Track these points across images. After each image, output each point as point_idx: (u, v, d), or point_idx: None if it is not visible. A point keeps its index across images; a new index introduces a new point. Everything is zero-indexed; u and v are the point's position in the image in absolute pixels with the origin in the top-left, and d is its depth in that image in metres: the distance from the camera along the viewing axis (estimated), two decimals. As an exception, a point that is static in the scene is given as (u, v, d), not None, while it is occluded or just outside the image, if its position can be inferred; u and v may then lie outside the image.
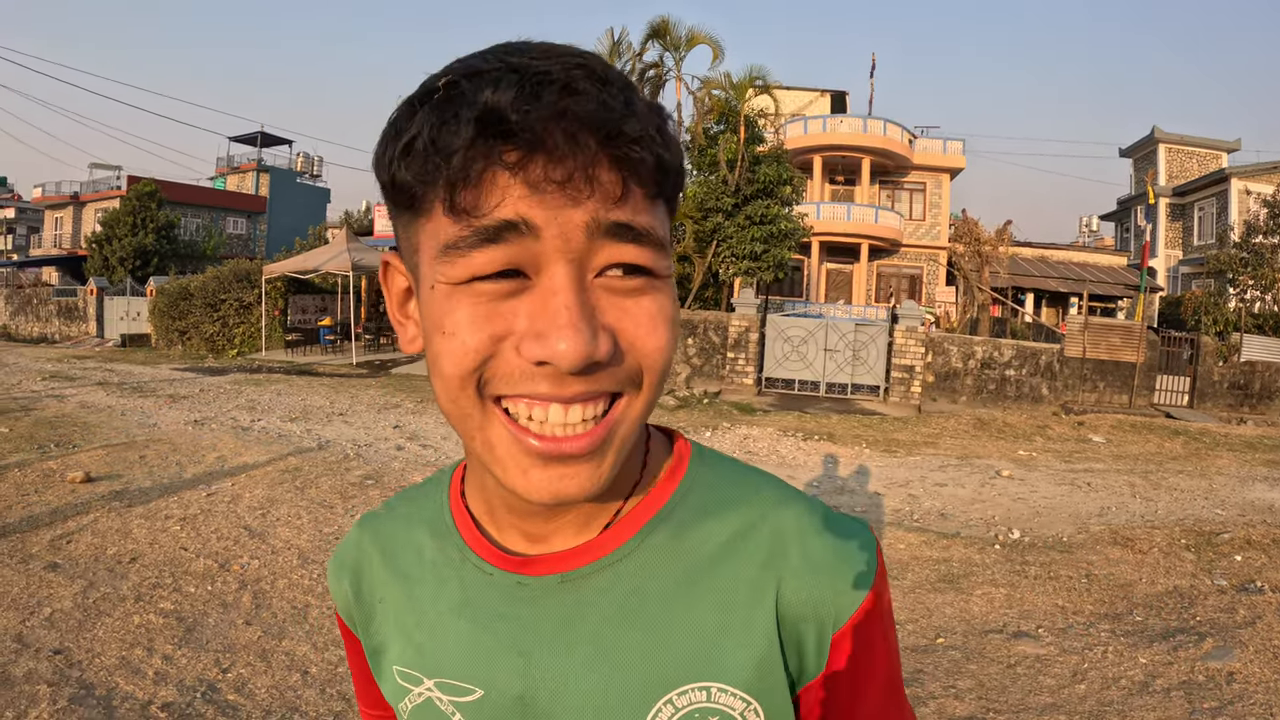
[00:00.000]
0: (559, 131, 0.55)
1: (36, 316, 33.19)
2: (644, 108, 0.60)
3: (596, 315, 0.59)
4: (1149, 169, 38.46)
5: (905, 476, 10.18)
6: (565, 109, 0.55)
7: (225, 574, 5.73)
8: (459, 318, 0.60)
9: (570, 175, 0.56)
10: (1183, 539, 7.35)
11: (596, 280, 0.60)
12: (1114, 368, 19.17)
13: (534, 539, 0.73)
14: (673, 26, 22.85)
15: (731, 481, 0.76)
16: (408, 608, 0.78)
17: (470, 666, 0.73)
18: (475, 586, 0.74)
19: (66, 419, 11.55)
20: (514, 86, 0.56)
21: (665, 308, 0.63)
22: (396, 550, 0.82)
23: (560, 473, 0.62)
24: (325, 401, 14.46)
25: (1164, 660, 4.77)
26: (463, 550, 0.76)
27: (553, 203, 0.57)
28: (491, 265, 0.58)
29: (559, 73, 0.56)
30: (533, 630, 0.71)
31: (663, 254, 0.62)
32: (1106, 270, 34.93)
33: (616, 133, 0.57)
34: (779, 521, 0.72)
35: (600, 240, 0.59)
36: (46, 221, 51.29)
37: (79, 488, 7.68)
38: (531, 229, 0.57)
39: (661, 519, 0.73)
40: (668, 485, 0.75)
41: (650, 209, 0.61)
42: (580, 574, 0.71)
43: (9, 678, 4.11)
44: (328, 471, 8.75)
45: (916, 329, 18.71)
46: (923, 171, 32.72)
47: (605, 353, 0.59)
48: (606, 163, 0.57)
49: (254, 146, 53.65)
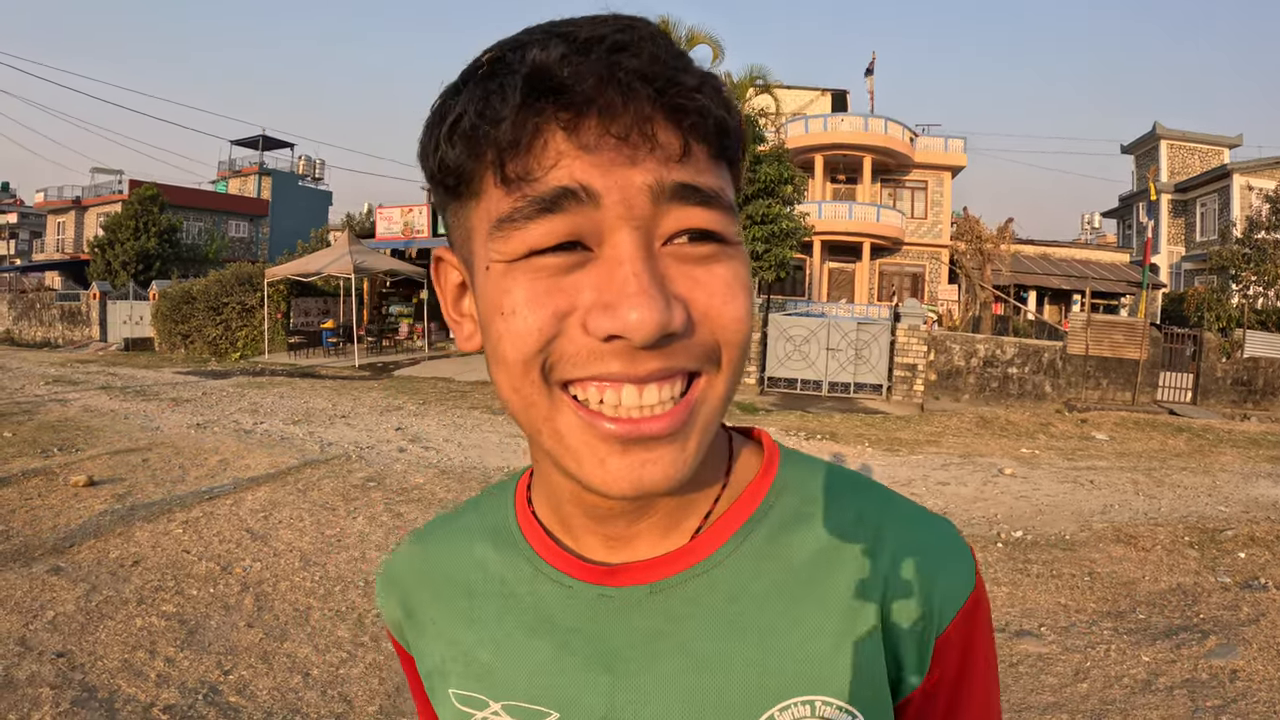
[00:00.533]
0: (612, 85, 0.53)
1: (39, 321, 33.21)
2: (692, 67, 0.57)
3: (667, 285, 0.55)
4: (1151, 165, 38.47)
5: (908, 475, 10.17)
6: (617, 62, 0.53)
7: (227, 576, 5.74)
8: (518, 296, 0.56)
9: (628, 132, 0.53)
10: (1186, 536, 7.34)
11: (664, 249, 0.56)
12: (1117, 365, 19.14)
13: (615, 544, 0.68)
14: (673, 27, 22.79)
15: (825, 482, 0.72)
16: (468, 627, 0.73)
17: (546, 688, 0.68)
18: (551, 601, 0.70)
19: (70, 423, 11.57)
20: (562, 45, 0.54)
21: (740, 274, 0.58)
22: (455, 565, 0.76)
23: (641, 458, 0.57)
24: (328, 404, 14.47)
25: (1167, 658, 4.76)
26: (534, 562, 0.72)
27: (611, 165, 0.53)
28: (550, 238, 0.55)
29: (609, 32, 0.54)
30: (619, 646, 0.66)
31: (732, 218, 0.58)
32: (1109, 267, 34.88)
33: (673, 84, 0.54)
34: (878, 523, 0.68)
35: (666, 204, 0.55)
36: (49, 226, 51.40)
37: (82, 491, 7.69)
38: (591, 196, 0.54)
39: (756, 522, 0.68)
40: (760, 487, 0.70)
41: (715, 170, 0.57)
42: (671, 583, 0.67)
43: (12, 680, 4.12)
44: (330, 474, 8.76)
45: (919, 327, 18.69)
46: (924, 170, 32.67)
47: (680, 322, 0.54)
48: (664, 117, 0.54)
49: (256, 150, 53.73)
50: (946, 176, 32.92)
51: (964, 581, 0.67)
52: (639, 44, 0.54)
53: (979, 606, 0.68)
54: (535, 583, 0.71)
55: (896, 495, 0.72)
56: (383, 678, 4.38)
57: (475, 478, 8.96)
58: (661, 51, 0.55)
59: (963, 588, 0.67)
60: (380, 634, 4.92)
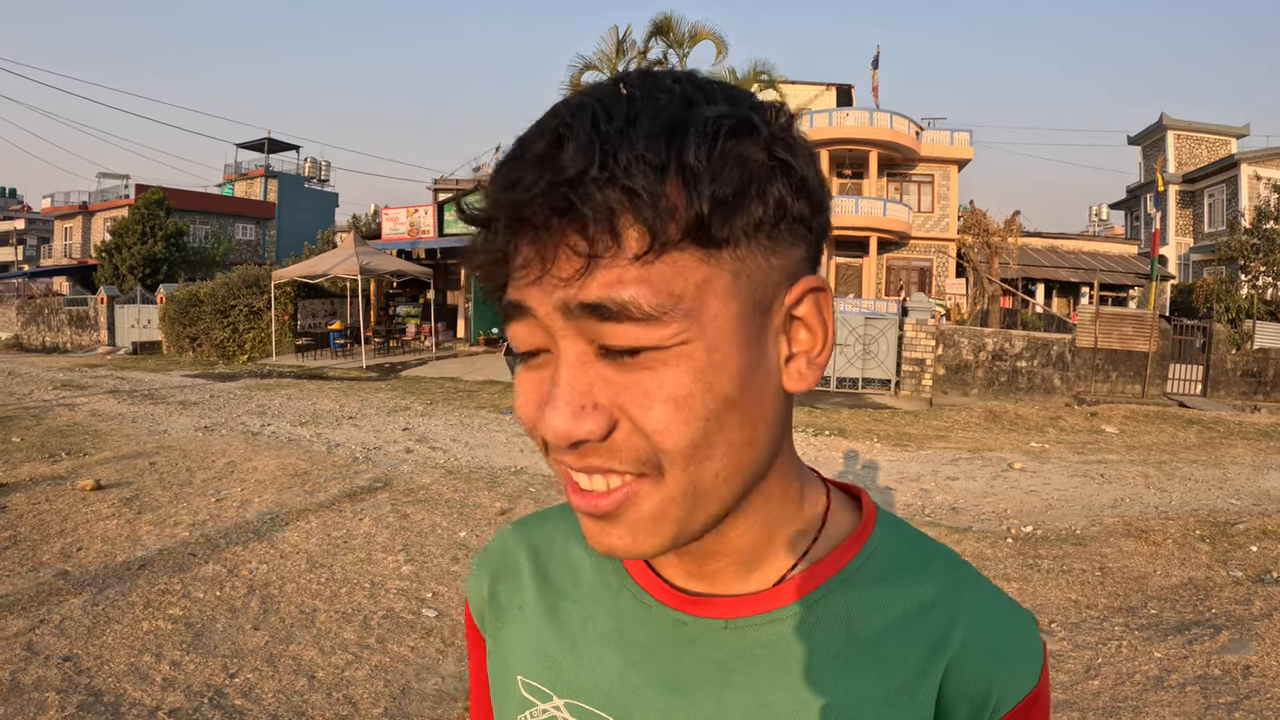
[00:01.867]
0: (501, 221, 0.54)
1: (48, 326, 33.32)
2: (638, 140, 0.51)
3: (591, 392, 0.55)
4: (1158, 156, 38.37)
5: (917, 470, 10.14)
6: (515, 182, 0.52)
7: (234, 579, 5.73)
8: (519, 383, 0.62)
9: (532, 259, 0.54)
10: (1197, 530, 7.29)
11: (599, 352, 0.56)
12: (1126, 357, 19.08)
13: (694, 576, 0.71)
14: (676, 23, 22.78)
15: (915, 554, 0.73)
16: (549, 622, 0.76)
17: (611, 696, 0.70)
18: (631, 616, 0.72)
19: (78, 427, 11.59)
20: (503, 169, 0.55)
21: (667, 384, 0.55)
22: (551, 562, 0.80)
23: (602, 528, 0.60)
24: (335, 405, 14.49)
25: (1179, 654, 4.73)
26: (622, 576, 0.74)
27: (530, 285, 0.55)
28: (520, 342, 0.59)
29: (538, 137, 0.54)
30: (686, 671, 0.69)
31: (658, 325, 0.53)
32: (1117, 259, 34.77)
33: (562, 204, 0.51)
34: (956, 602, 0.69)
35: (580, 318, 0.54)
36: (56, 232, 51.63)
37: (90, 495, 7.70)
38: (530, 310, 0.56)
39: (840, 582, 0.70)
40: (849, 549, 0.71)
41: (641, 274, 0.52)
42: (747, 623, 0.68)
43: (18, 685, 4.12)
44: (337, 475, 8.75)
45: (927, 321, 18.65)
46: (930, 163, 32.62)
47: (589, 433, 0.55)
48: (569, 233, 0.52)
49: (261, 153, 53.91)
50: (953, 170, 32.87)
51: (1028, 676, 0.68)
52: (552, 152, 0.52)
53: (1037, 702, 0.68)
54: (619, 596, 0.74)
55: (982, 579, 0.73)
56: (388, 680, 4.37)
57: (482, 478, 8.95)
58: (570, 147, 0.51)
59: (1025, 682, 0.67)
60: (387, 636, 4.91)
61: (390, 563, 6.16)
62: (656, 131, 0.52)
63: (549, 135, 0.53)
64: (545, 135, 0.53)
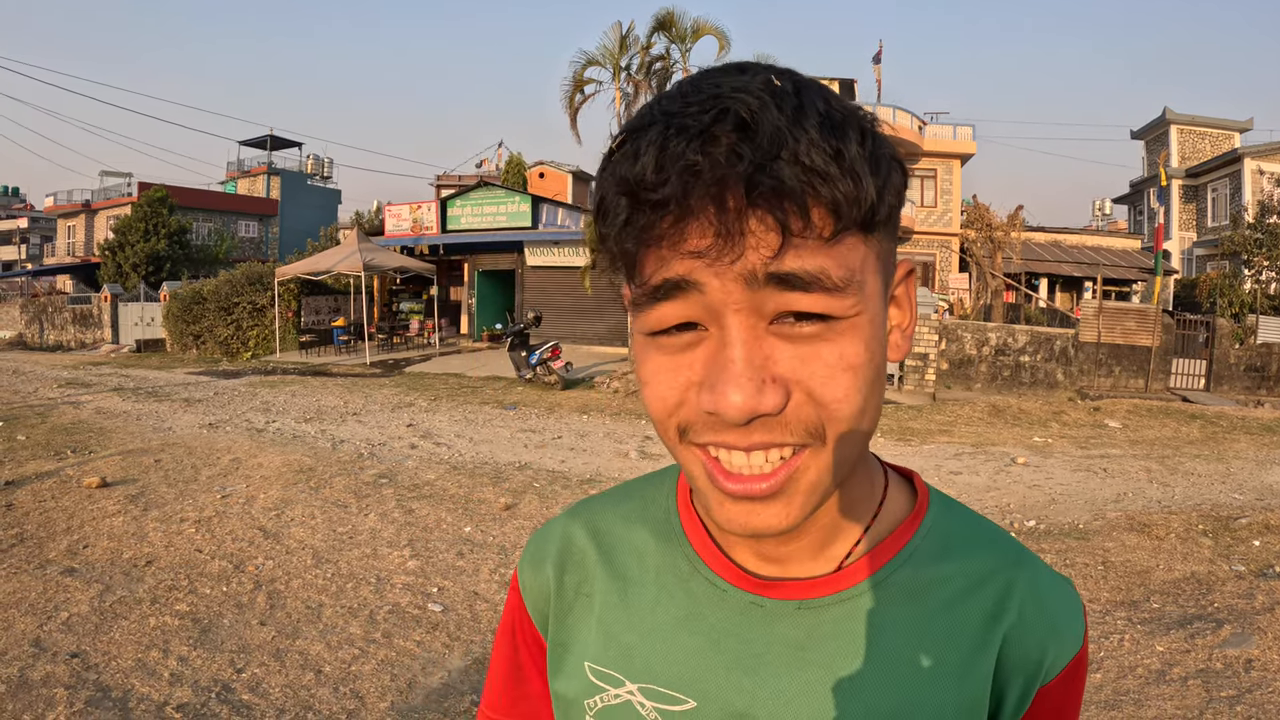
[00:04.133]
0: (692, 194, 0.55)
1: (52, 324, 33.36)
2: (810, 135, 0.55)
3: (769, 365, 0.58)
4: (1161, 150, 38.25)
5: (920, 465, 10.14)
6: (698, 168, 0.54)
7: (240, 575, 5.76)
8: (651, 368, 0.63)
9: (714, 234, 0.55)
10: (1200, 524, 7.30)
11: (771, 327, 0.59)
12: (1129, 352, 19.07)
13: (766, 560, 0.74)
14: (679, 18, 22.77)
15: (969, 531, 0.78)
16: (619, 608, 0.78)
17: (687, 678, 0.73)
18: (705, 601, 0.75)
19: (82, 425, 11.62)
20: (654, 152, 0.55)
21: (846, 354, 0.59)
22: (614, 547, 0.82)
23: (749, 509, 0.62)
24: (339, 402, 14.51)
25: (1181, 648, 4.74)
26: (694, 562, 0.77)
27: (709, 260, 0.56)
28: (666, 320, 0.60)
29: (696, 123, 0.55)
30: (763, 651, 0.72)
31: (841, 295, 0.58)
32: (1120, 254, 34.72)
33: (755, 181, 0.54)
34: (1011, 575, 0.74)
35: (764, 290, 0.57)
36: (59, 230, 51.62)
37: (95, 493, 7.73)
38: (696, 285, 0.57)
39: (902, 560, 0.74)
40: (909, 528, 0.76)
41: (825, 249, 0.57)
42: (819, 603, 0.72)
43: (27, 681, 4.14)
44: (342, 471, 8.78)
45: (930, 316, 18.64)
46: (933, 158, 32.56)
47: (771, 406, 0.57)
48: (754, 214, 0.55)
49: (264, 150, 53.82)
50: (955, 164, 32.81)
51: (1076, 640, 0.74)
52: (725, 137, 0.54)
53: (1081, 665, 0.75)
54: (691, 580, 0.76)
55: (1030, 553, 0.78)
56: (394, 674, 4.39)
57: (486, 473, 8.97)
58: (756, 135, 0.54)
59: (1073, 646, 0.73)
60: (392, 630, 4.93)
61: (395, 558, 6.18)
62: (824, 124, 0.56)
63: (730, 121, 0.55)
64: (721, 119, 0.55)
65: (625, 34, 24.01)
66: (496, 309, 27.83)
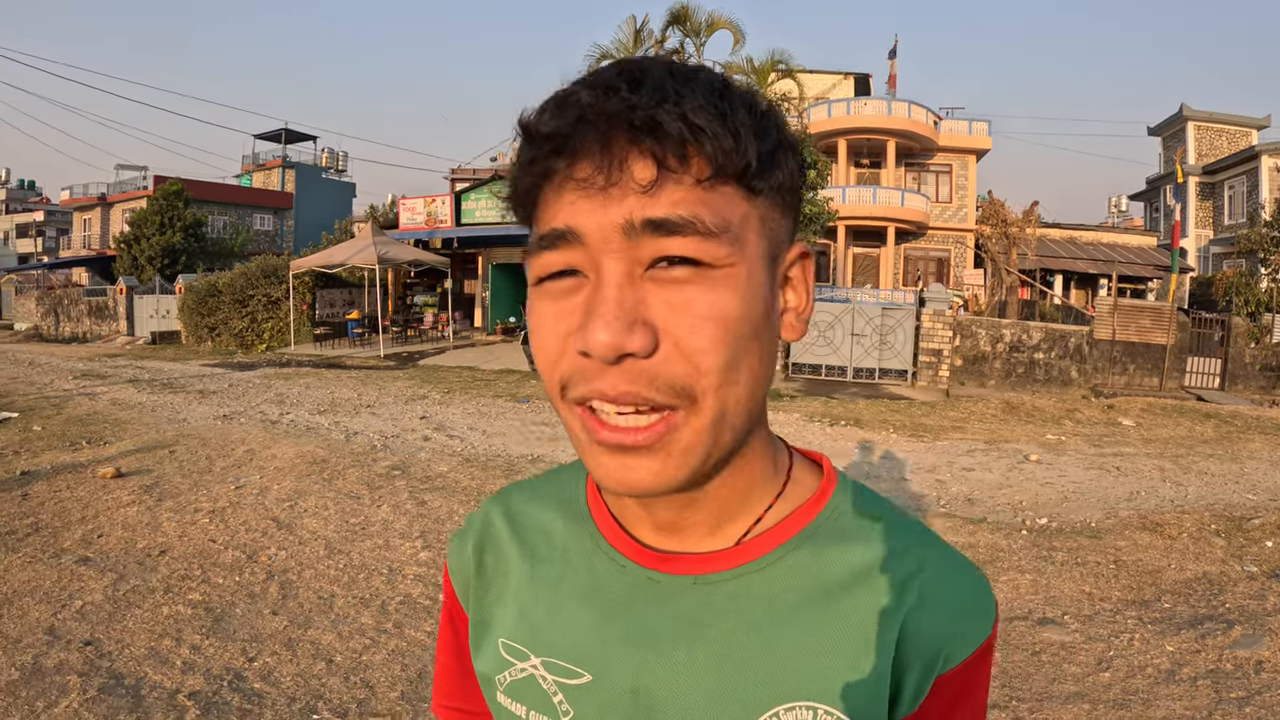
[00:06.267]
0: (579, 132, 0.59)
1: (68, 316, 33.58)
2: (694, 95, 0.59)
3: (640, 309, 0.60)
4: (1178, 147, 38.05)
5: (932, 461, 10.13)
6: (584, 113, 0.59)
7: (253, 565, 5.79)
8: (537, 316, 0.66)
9: (596, 173, 0.59)
10: (1213, 524, 7.27)
11: (647, 273, 0.61)
12: (1144, 350, 18.99)
13: (664, 532, 0.74)
14: (693, 12, 22.72)
15: (874, 513, 0.77)
16: (528, 585, 0.80)
17: (585, 652, 0.74)
18: (605, 576, 0.76)
19: (98, 416, 11.69)
20: (553, 101, 0.61)
21: (718, 304, 0.61)
22: (527, 527, 0.84)
23: (625, 463, 0.63)
24: (353, 394, 14.56)
25: (1191, 648, 4.73)
26: (596, 538, 0.78)
27: (592, 205, 0.60)
28: (550, 266, 0.64)
29: (588, 81, 0.61)
30: (657, 626, 0.73)
31: (716, 242, 0.61)
32: (1136, 251, 34.55)
33: (636, 122, 0.58)
34: (916, 558, 0.73)
35: (641, 236, 0.60)
36: (75, 223, 51.89)
37: (110, 483, 7.78)
38: (578, 235, 0.61)
39: (804, 538, 0.74)
40: (812, 509, 0.76)
41: (702, 196, 0.60)
42: (715, 578, 0.73)
43: (41, 668, 4.18)
44: (355, 463, 8.81)
45: (944, 312, 18.59)
46: (948, 153, 32.40)
47: (640, 346, 0.59)
48: (634, 155, 0.59)
49: (278, 143, 53.97)
50: (971, 160, 32.66)
51: (979, 631, 0.72)
52: (614, 87, 0.59)
53: (985, 656, 0.73)
54: (594, 557, 0.78)
55: (935, 536, 0.77)
56: (405, 664, 4.42)
57: (499, 466, 9.00)
58: (640, 87, 0.59)
59: (977, 636, 0.72)
60: (404, 621, 4.96)
61: (408, 549, 6.21)
62: (712, 91, 0.61)
63: (624, 76, 0.60)
64: (617, 76, 0.60)
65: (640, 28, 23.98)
66: (510, 302, 27.88)
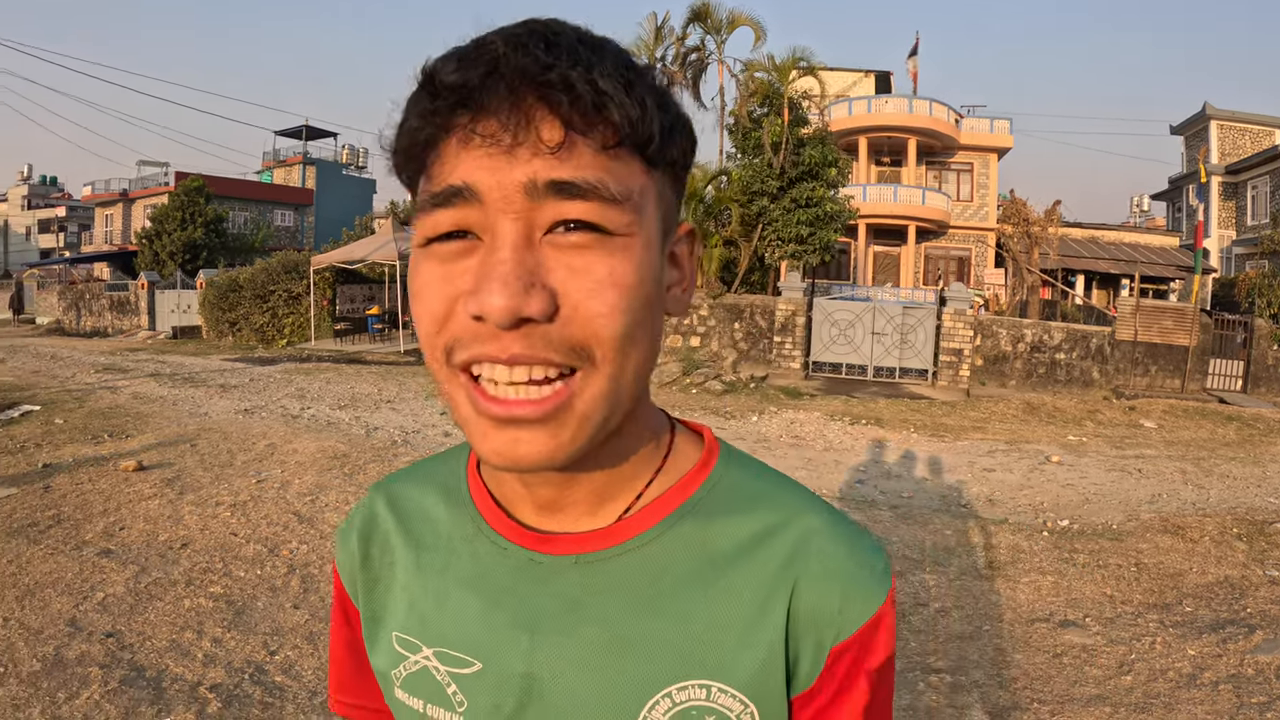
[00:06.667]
0: (487, 86, 0.57)
1: (89, 311, 33.77)
2: (602, 62, 0.59)
3: (539, 273, 0.59)
4: (1200, 146, 37.74)
5: (953, 461, 10.09)
6: (495, 67, 0.57)
7: (274, 559, 5.82)
8: (423, 279, 0.63)
9: (502, 129, 0.57)
10: (1234, 528, 7.22)
11: (546, 237, 0.60)
12: (1166, 351, 18.85)
13: (545, 512, 0.73)
14: (713, 9, 22.74)
15: (759, 482, 0.76)
16: (415, 575, 0.78)
17: (473, 640, 0.73)
18: (487, 560, 0.74)
19: (119, 409, 11.78)
20: (458, 54, 0.59)
21: (617, 271, 0.61)
22: (410, 515, 0.82)
23: (514, 436, 0.61)
24: (373, 389, 14.61)
25: (1213, 653, 4.70)
26: (477, 522, 0.76)
27: (493, 163, 0.58)
28: (442, 226, 0.61)
29: (497, 38, 0.59)
30: (541, 609, 0.71)
31: (618, 209, 0.60)
32: (1158, 251, 34.34)
33: (548, 82, 0.57)
34: (803, 527, 0.72)
35: (543, 198, 0.58)
36: (97, 219, 52.24)
37: (132, 476, 7.83)
38: (475, 193, 0.59)
39: (687, 511, 0.72)
40: (695, 478, 0.74)
41: (605, 163, 0.59)
42: (596, 557, 0.71)
43: (62, 660, 4.21)
44: (376, 458, 8.84)
45: (965, 312, 18.50)
46: (970, 151, 32.29)
47: (537, 309, 0.58)
48: (542, 114, 0.58)
49: (299, 140, 54.24)
50: (992, 158, 32.53)
51: (872, 599, 0.70)
52: (524, 46, 0.58)
53: (881, 625, 0.70)
54: (475, 541, 0.76)
55: (825, 503, 0.76)
56: (424, 661, 4.42)
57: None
58: (545, 52, 0.58)
59: (869, 604, 0.70)
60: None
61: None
62: (620, 62, 0.61)
63: (536, 36, 0.59)
64: (530, 35, 0.59)
65: (660, 25, 23.99)
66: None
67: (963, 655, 4.70)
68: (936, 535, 6.92)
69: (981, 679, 4.41)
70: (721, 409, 13.61)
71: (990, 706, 4.13)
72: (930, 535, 6.89)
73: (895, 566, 6.09)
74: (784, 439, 11.27)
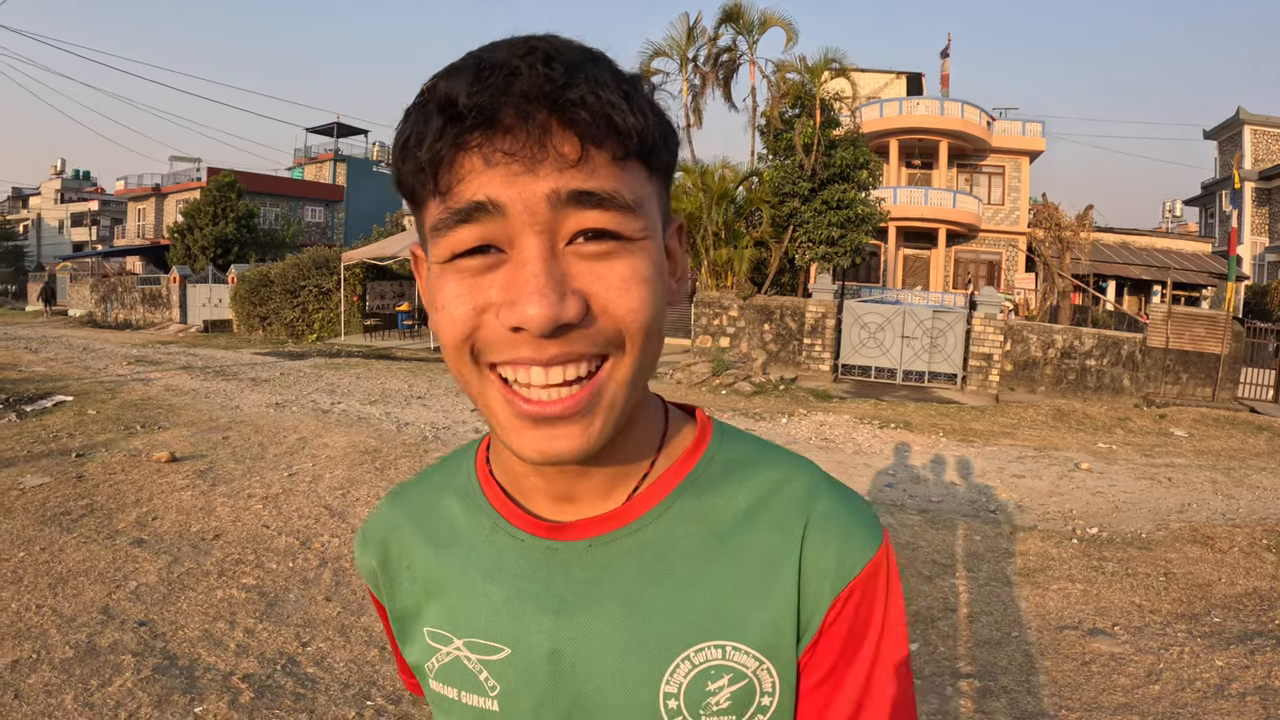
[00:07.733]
0: (506, 106, 0.60)
1: (121, 304, 34.16)
2: (605, 76, 0.63)
3: (568, 281, 0.63)
4: (1234, 152, 37.36)
5: (982, 467, 10.04)
6: (508, 85, 0.60)
7: (306, 551, 5.88)
8: (448, 293, 0.66)
9: (524, 146, 0.61)
10: (1264, 539, 7.14)
11: (568, 248, 0.64)
12: (1197, 359, 18.65)
13: (561, 502, 0.78)
14: (745, 9, 22.70)
15: (752, 452, 0.81)
16: (438, 573, 0.83)
17: (500, 627, 0.77)
18: (506, 552, 0.79)
19: (152, 401, 11.90)
20: (469, 74, 0.62)
21: (639, 269, 0.65)
22: (427, 519, 0.86)
23: (549, 434, 0.66)
24: (403, 385, 14.69)
25: (1241, 664, 4.66)
26: (493, 518, 0.81)
27: (514, 177, 0.61)
28: (467, 242, 0.64)
29: (506, 57, 0.62)
30: (563, 592, 0.76)
31: (633, 216, 0.65)
32: (1190, 257, 33.96)
33: (561, 99, 0.60)
34: (796, 488, 0.77)
35: (565, 209, 0.62)
36: (129, 213, 52.72)
37: (164, 467, 7.92)
38: (498, 207, 0.62)
39: (686, 486, 0.78)
40: (692, 455, 0.80)
41: (617, 173, 0.64)
42: (608, 538, 0.76)
43: (95, 647, 4.27)
44: (406, 453, 8.90)
45: (995, 316, 18.39)
46: (1001, 154, 32.06)
47: (574, 315, 0.62)
48: (558, 130, 0.61)
49: (330, 137, 54.59)
50: (1024, 161, 32.30)
51: (867, 547, 0.75)
52: (531, 66, 0.61)
53: (879, 571, 0.75)
54: (494, 536, 0.81)
55: (812, 463, 0.82)
56: (453, 656, 4.45)
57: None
58: (551, 70, 0.61)
59: (864, 552, 0.74)
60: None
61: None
62: (617, 74, 0.65)
63: (540, 53, 0.62)
64: (532, 53, 0.62)
65: (692, 25, 23.98)
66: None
67: (992, 661, 4.69)
68: (965, 540, 6.90)
69: (1010, 685, 4.40)
70: (751, 410, 13.60)
71: (1019, 713, 4.12)
72: (959, 540, 6.87)
73: (924, 571, 6.09)
74: (813, 441, 11.25)
